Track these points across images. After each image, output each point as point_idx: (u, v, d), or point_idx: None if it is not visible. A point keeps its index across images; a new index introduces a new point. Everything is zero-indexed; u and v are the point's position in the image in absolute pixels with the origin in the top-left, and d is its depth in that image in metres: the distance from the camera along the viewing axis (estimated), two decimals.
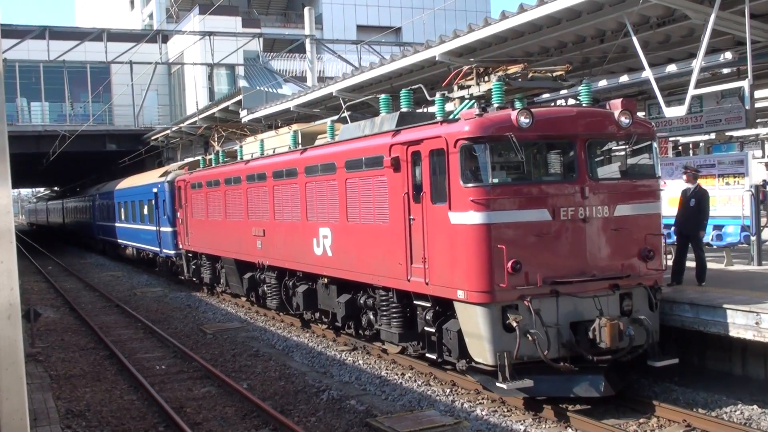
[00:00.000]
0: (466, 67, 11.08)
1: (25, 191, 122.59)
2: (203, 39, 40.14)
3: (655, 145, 10.99)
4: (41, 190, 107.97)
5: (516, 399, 10.40)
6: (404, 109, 12.34)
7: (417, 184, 10.99)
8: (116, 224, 36.98)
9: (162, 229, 27.45)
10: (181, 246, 24.78)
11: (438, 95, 11.49)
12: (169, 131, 38.98)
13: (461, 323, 10.16)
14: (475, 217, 9.72)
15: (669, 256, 13.03)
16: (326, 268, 14.08)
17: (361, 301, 13.31)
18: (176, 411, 10.81)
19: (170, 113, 50.88)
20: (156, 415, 11.01)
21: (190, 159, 32.40)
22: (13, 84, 44.57)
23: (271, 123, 26.34)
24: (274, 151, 17.52)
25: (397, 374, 12.44)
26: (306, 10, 37.35)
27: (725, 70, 14.33)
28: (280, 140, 17.65)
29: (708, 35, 11.77)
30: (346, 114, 15.57)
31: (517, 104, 11.13)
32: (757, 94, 15.31)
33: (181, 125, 37.08)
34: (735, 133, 21.83)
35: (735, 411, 9.84)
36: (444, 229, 10.26)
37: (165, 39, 46.48)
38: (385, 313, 12.30)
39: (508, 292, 9.59)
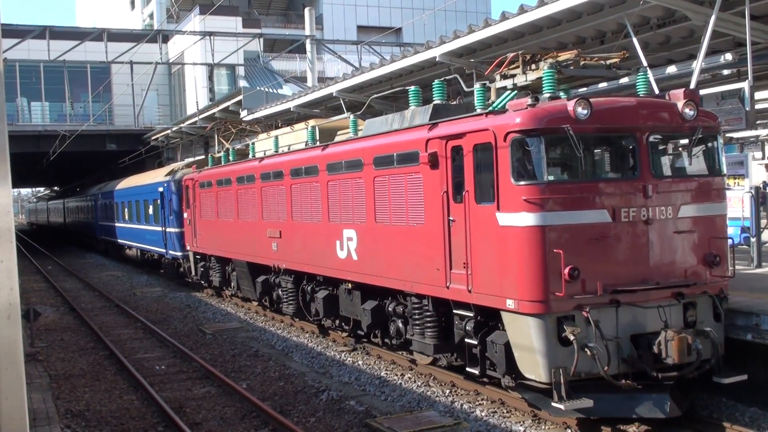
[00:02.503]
0: (511, 55, 10.20)
1: (25, 191, 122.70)
2: (203, 39, 40.19)
3: (720, 139, 10.11)
4: (41, 190, 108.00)
5: (515, 400, 10.38)
6: (437, 102, 11.45)
7: (458, 182, 10.05)
8: (120, 224, 36.37)
9: (168, 229, 26.75)
10: (188, 247, 23.93)
11: (478, 85, 10.55)
12: (169, 131, 39.01)
13: (510, 335, 9.26)
14: (527, 219, 8.83)
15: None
16: (351, 272, 13.12)
17: (390, 309, 12.39)
18: (176, 411, 10.80)
19: (170, 113, 50.91)
20: (155, 415, 11.00)
21: (191, 159, 32.32)
22: (14, 84, 44.60)
23: (271, 123, 26.32)
24: (289, 148, 16.60)
25: (396, 375, 12.43)
26: (306, 10, 37.40)
27: (725, 72, 14.34)
28: (295, 137, 16.79)
29: (708, 36, 11.78)
30: (346, 113, 15.51)
31: (562, 96, 10.16)
32: (758, 95, 15.30)
33: (182, 125, 37.10)
34: (735, 135, 21.81)
35: None
36: (491, 232, 9.34)
37: (165, 39, 46.51)
38: (417, 322, 11.36)
39: (564, 301, 8.72)
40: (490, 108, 10.08)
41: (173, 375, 13.49)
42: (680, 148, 10.04)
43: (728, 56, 13.12)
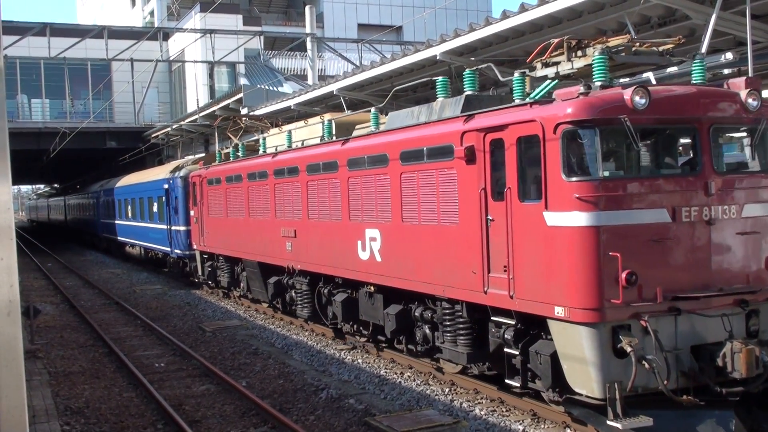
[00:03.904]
0: (556, 41, 9.39)
1: (25, 188, 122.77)
2: (204, 37, 40.20)
3: None
4: (41, 187, 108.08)
5: (515, 399, 10.38)
6: (469, 92, 10.68)
7: (498, 178, 9.30)
8: (123, 222, 35.80)
9: (174, 227, 26.14)
10: (195, 246, 23.23)
11: (517, 74, 9.74)
12: (169, 129, 39.02)
13: (558, 346, 8.52)
14: (580, 218, 8.11)
15: None
16: (374, 275, 12.34)
17: (416, 314, 11.61)
18: (175, 409, 10.81)
19: (171, 111, 50.95)
20: (155, 413, 11.01)
21: (193, 156, 32.29)
22: (14, 81, 44.61)
23: (272, 121, 26.31)
24: (302, 144, 15.90)
25: (396, 373, 12.44)
26: (307, 8, 37.47)
27: (726, 71, 14.33)
28: (309, 131, 16.04)
29: (709, 35, 11.77)
30: (347, 111, 15.41)
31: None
32: None
33: (182, 123, 37.11)
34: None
35: None
36: (537, 233, 8.60)
37: (166, 36, 46.45)
38: (449, 328, 10.68)
39: (620, 309, 8.01)
40: (529, 98, 9.42)
41: (173, 372, 13.50)
42: (743, 142, 9.40)
43: (729, 55, 13.11)
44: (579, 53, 9.19)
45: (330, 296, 14.48)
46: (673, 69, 12.84)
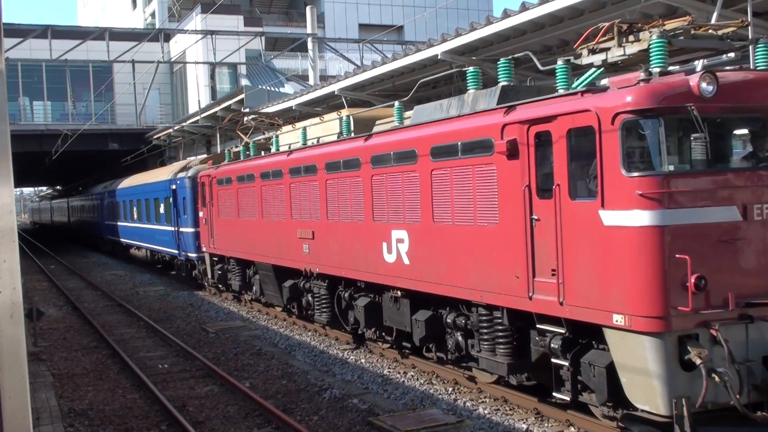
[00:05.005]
0: (606, 25, 8.60)
1: (28, 190, 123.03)
2: (205, 38, 40.24)
3: None
4: (44, 189, 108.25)
5: (518, 397, 10.38)
6: (504, 83, 9.98)
7: (544, 174, 8.63)
8: (128, 224, 35.23)
9: (182, 229, 25.58)
10: (204, 248, 22.55)
11: (560, 61, 8.95)
12: (171, 130, 39.06)
13: (617, 357, 7.87)
14: (643, 218, 7.46)
15: None
16: (401, 278, 11.67)
17: (449, 320, 10.94)
18: (179, 410, 10.82)
19: (172, 112, 50.99)
20: (158, 414, 11.02)
21: (194, 157, 32.30)
22: (16, 83, 44.67)
23: (273, 122, 26.27)
24: (318, 141, 15.31)
25: (399, 373, 12.44)
26: (308, 8, 37.52)
27: (727, 69, 14.33)
28: (324, 128, 15.47)
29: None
30: (347, 110, 15.37)
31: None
32: None
33: (184, 124, 37.15)
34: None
35: None
36: (591, 233, 7.94)
37: (167, 38, 46.56)
38: (486, 336, 10.03)
39: (688, 317, 7.40)
40: (574, 86, 8.78)
41: (176, 374, 13.51)
42: None
43: (731, 54, 13.11)
44: (631, 38, 8.40)
45: (351, 301, 13.83)
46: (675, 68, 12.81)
